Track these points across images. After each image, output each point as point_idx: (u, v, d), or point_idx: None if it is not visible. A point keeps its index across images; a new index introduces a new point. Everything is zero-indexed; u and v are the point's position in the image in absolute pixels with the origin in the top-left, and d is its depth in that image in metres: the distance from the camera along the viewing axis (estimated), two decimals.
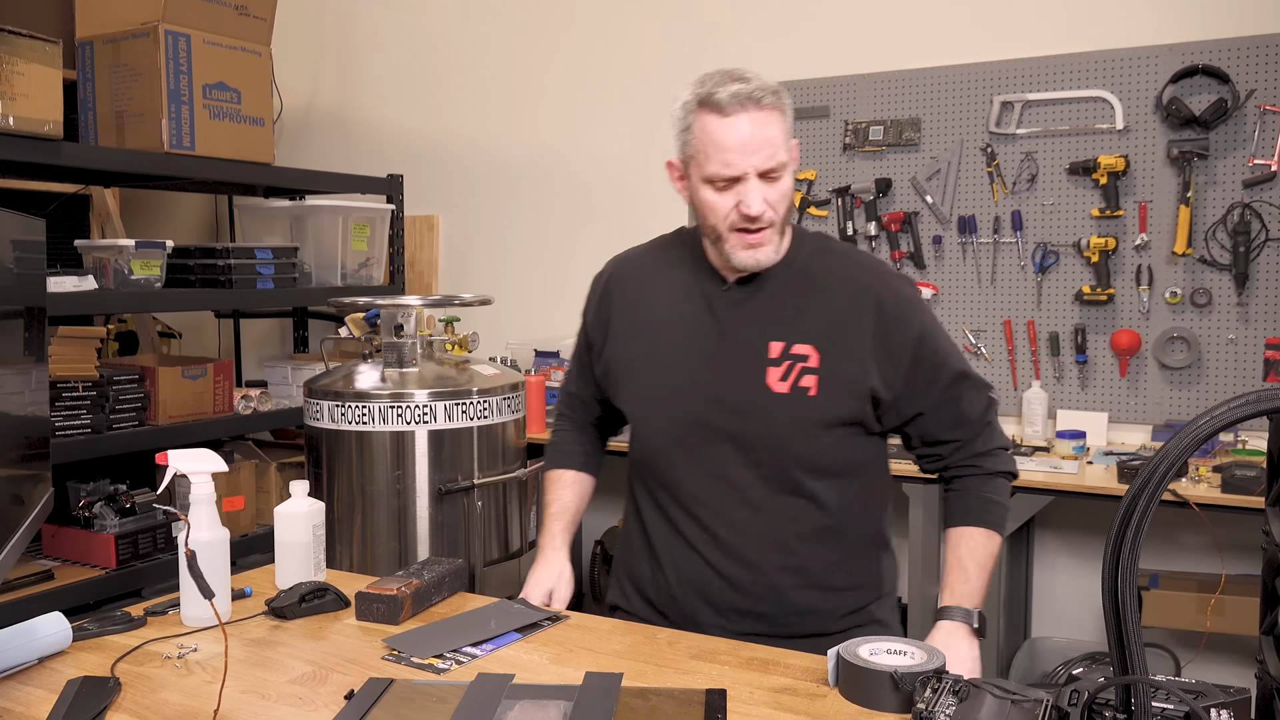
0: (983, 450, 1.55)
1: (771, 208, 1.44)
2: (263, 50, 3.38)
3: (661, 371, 1.56)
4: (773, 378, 1.50)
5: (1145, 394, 3.00)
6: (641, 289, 1.63)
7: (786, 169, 1.46)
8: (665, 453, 1.56)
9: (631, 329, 1.62)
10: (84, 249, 3.11)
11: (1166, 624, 2.78)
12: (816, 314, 1.51)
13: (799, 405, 1.49)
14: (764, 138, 1.42)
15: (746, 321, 1.53)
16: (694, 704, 1.19)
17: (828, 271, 1.54)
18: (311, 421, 2.68)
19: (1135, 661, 0.95)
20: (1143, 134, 2.95)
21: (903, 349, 1.50)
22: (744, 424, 1.51)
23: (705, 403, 1.52)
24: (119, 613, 1.44)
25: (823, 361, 1.49)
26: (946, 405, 1.53)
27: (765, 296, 1.53)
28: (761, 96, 1.42)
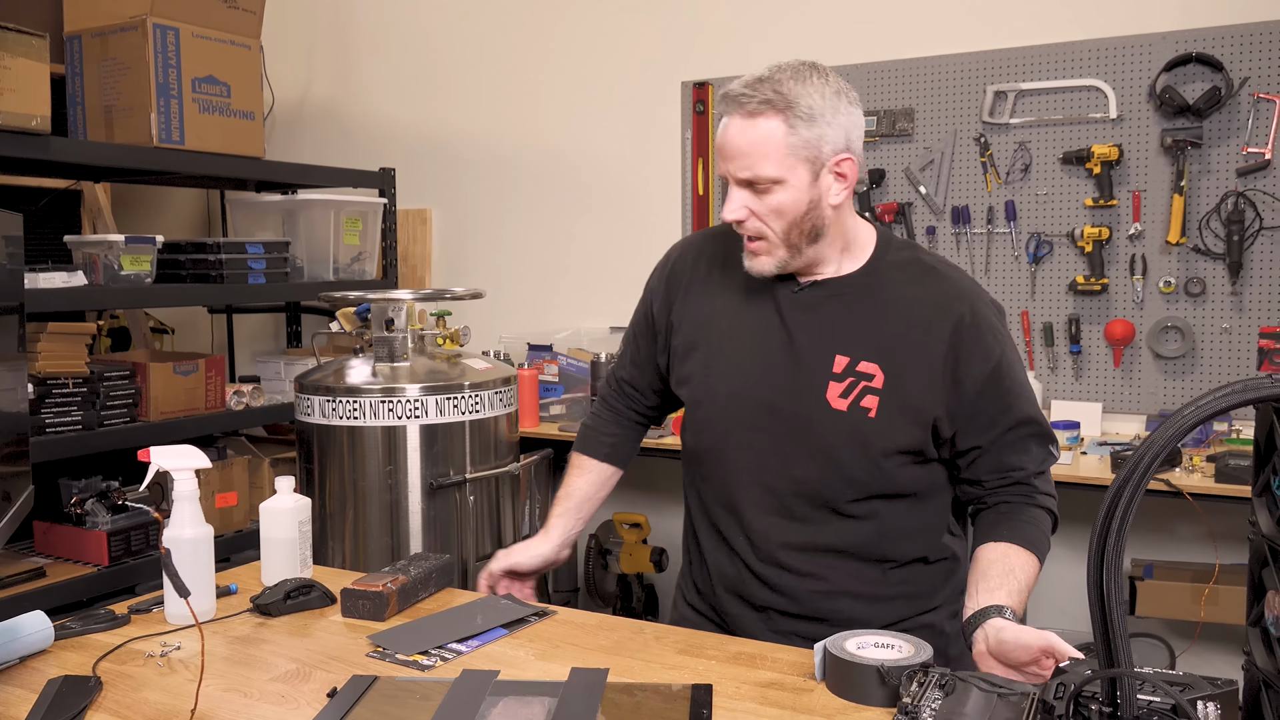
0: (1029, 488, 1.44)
1: (758, 218, 1.38)
2: (252, 43, 3.36)
3: (723, 365, 1.50)
4: (833, 393, 1.42)
5: (1140, 384, 2.99)
6: (714, 271, 1.55)
7: (783, 183, 1.36)
8: (715, 449, 1.51)
9: (700, 310, 1.54)
10: (74, 244, 3.09)
11: (1161, 614, 2.78)
12: (889, 331, 1.42)
13: (856, 426, 1.41)
14: (745, 146, 1.35)
15: (815, 329, 1.44)
16: (680, 699, 1.18)
17: (910, 285, 1.44)
18: (302, 417, 2.67)
19: (1120, 655, 0.94)
20: (1136, 123, 2.94)
21: (973, 380, 1.39)
22: (796, 435, 1.44)
23: (760, 406, 1.46)
24: (102, 611, 1.43)
25: (887, 383, 1.40)
26: (1004, 449, 1.42)
27: (839, 304, 1.44)
28: (748, 102, 1.35)
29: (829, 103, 1.35)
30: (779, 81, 1.34)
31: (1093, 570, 0.97)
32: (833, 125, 1.36)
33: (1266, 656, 0.96)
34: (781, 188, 1.36)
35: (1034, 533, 1.39)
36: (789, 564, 1.47)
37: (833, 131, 1.36)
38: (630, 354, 1.69)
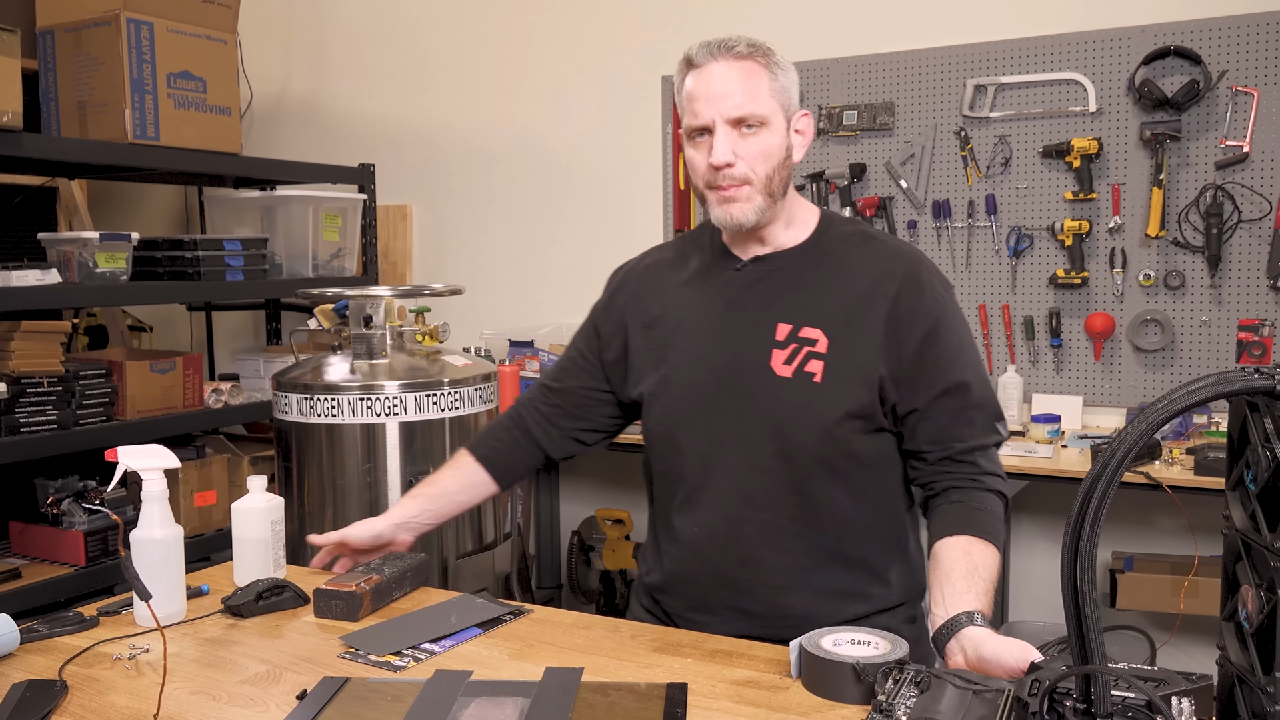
0: (974, 468, 1.41)
1: (745, 160, 1.39)
2: (228, 38, 3.33)
3: (673, 356, 1.51)
4: (777, 360, 1.43)
5: (1120, 377, 3.00)
6: (658, 280, 1.57)
7: (768, 125, 1.39)
8: (670, 438, 1.50)
9: (647, 322, 1.55)
10: (48, 242, 3.06)
11: (1141, 607, 2.79)
12: (831, 297, 1.43)
13: (802, 392, 1.41)
14: (733, 87, 1.38)
15: (756, 302, 1.46)
16: (654, 698, 1.17)
17: (853, 255, 1.46)
18: (280, 415, 2.65)
19: (1094, 651, 0.93)
20: (1115, 116, 2.94)
21: (912, 339, 1.40)
22: (746, 409, 1.44)
23: (710, 388, 1.46)
24: (71, 613, 1.41)
25: (831, 347, 1.41)
26: (944, 417, 1.41)
27: (780, 276, 1.46)
28: (735, 45, 1.40)
29: (786, 61, 1.46)
30: (750, 37, 1.42)
31: (1066, 566, 0.96)
32: (794, 82, 1.45)
33: (1240, 651, 0.95)
34: (767, 130, 1.40)
35: (988, 520, 1.37)
36: (745, 556, 1.46)
37: (794, 88, 1.44)
38: (568, 363, 1.66)
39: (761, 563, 1.46)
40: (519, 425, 1.66)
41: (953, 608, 1.24)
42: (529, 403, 1.68)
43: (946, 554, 1.32)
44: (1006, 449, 2.73)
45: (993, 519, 1.37)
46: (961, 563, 1.29)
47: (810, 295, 1.44)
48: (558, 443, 1.65)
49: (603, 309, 1.63)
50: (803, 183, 3.34)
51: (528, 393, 1.70)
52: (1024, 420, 3.03)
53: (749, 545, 1.46)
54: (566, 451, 1.66)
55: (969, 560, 1.29)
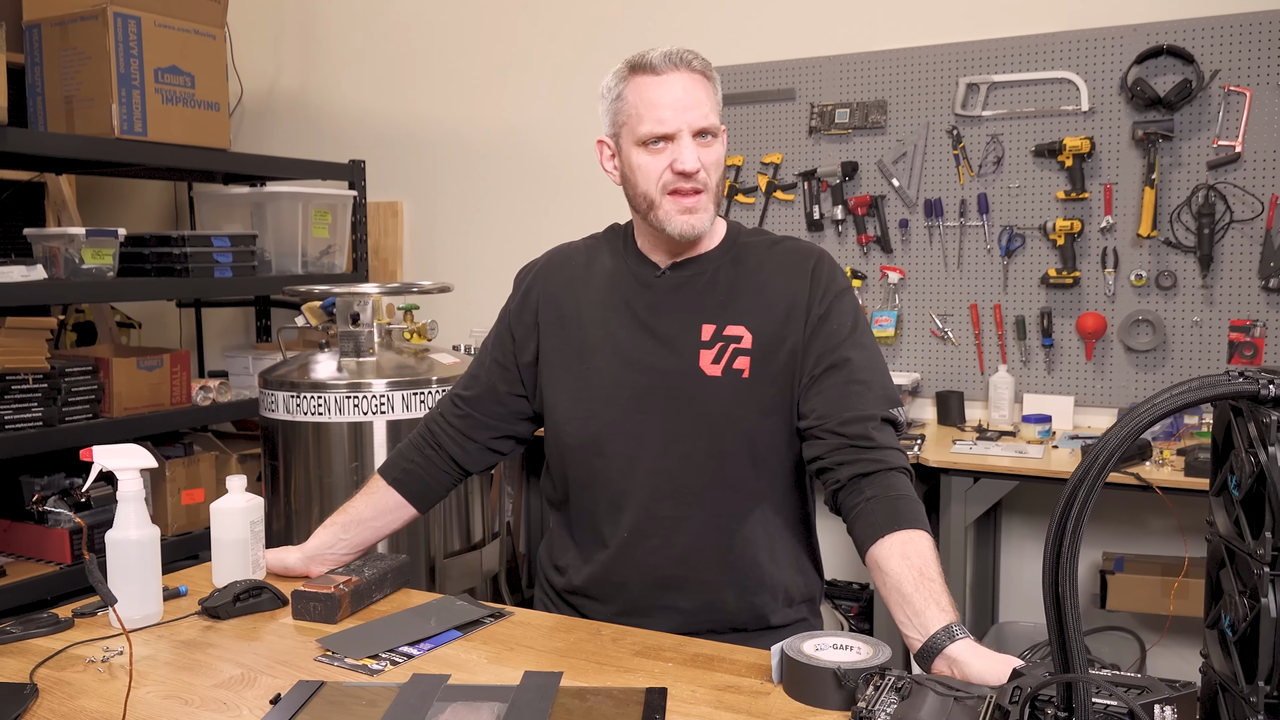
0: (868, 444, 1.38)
1: (705, 170, 1.43)
2: (217, 33, 3.31)
3: (594, 361, 1.51)
4: (705, 361, 1.46)
5: (1111, 377, 2.99)
6: (572, 283, 1.57)
7: (719, 138, 1.45)
8: (594, 444, 1.51)
9: (561, 323, 1.55)
10: (34, 238, 3.04)
11: (1131, 608, 2.78)
12: (750, 295, 1.48)
13: (732, 388, 1.45)
14: (696, 97, 1.43)
15: (679, 306, 1.49)
16: (633, 703, 1.16)
17: (764, 256, 1.52)
18: (267, 413, 2.63)
19: (1075, 658, 0.92)
20: (1108, 115, 2.93)
21: (809, 324, 1.46)
22: (677, 409, 1.46)
23: (640, 390, 1.48)
24: (45, 614, 1.39)
25: (756, 342, 1.46)
26: (831, 389, 1.42)
27: (701, 280, 1.50)
28: (692, 60, 1.45)
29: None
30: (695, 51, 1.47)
31: (1048, 572, 0.95)
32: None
33: (1224, 659, 0.94)
34: (719, 141, 1.46)
35: (907, 506, 1.34)
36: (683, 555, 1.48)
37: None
38: (482, 372, 1.62)
39: (698, 561, 1.48)
40: (431, 442, 1.63)
41: (925, 626, 1.22)
42: (440, 417, 1.64)
43: (887, 563, 1.29)
44: (997, 449, 2.72)
45: (910, 502, 1.35)
46: (907, 573, 1.26)
47: (730, 296, 1.49)
48: (474, 455, 1.62)
49: (515, 311, 1.62)
50: (794, 181, 3.33)
51: (438, 406, 1.66)
52: (1015, 420, 3.01)
53: (683, 545, 1.48)
54: (484, 464, 1.64)
55: (911, 566, 1.27)
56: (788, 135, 3.34)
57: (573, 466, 1.55)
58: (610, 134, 1.49)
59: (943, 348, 3.20)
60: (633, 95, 1.43)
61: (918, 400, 3.22)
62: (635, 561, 1.50)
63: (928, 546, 1.30)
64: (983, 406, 3.13)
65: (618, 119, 1.46)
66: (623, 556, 1.50)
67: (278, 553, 1.59)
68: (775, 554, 1.51)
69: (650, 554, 1.49)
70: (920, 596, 1.24)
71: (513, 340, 1.60)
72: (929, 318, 3.21)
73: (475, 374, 1.64)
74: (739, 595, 1.50)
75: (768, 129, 3.36)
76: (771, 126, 3.35)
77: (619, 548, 1.50)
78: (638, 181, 1.46)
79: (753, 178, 3.40)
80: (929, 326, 3.21)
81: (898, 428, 1.43)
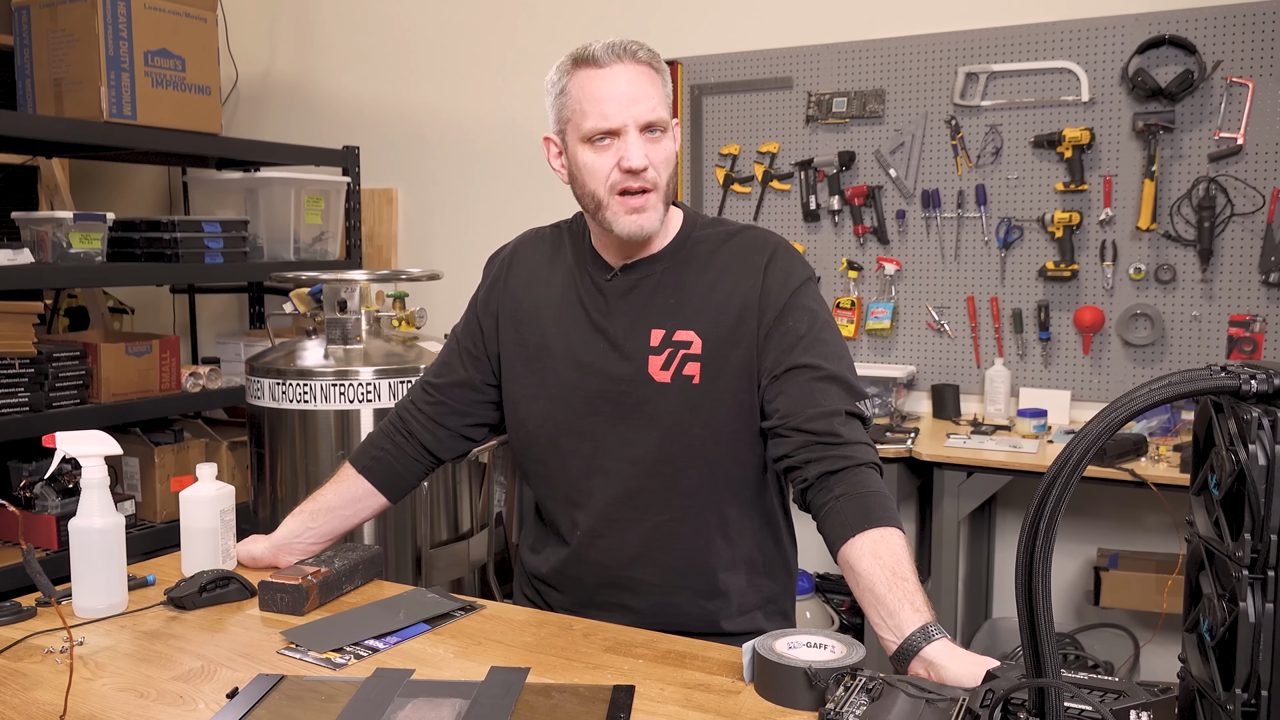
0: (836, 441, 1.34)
1: (654, 167, 1.38)
2: (209, 16, 3.28)
3: (549, 361, 1.49)
4: (654, 367, 1.43)
5: (1108, 371, 2.95)
6: (533, 279, 1.55)
7: (668, 132, 1.40)
8: (551, 441, 1.49)
9: (519, 319, 1.53)
10: (21, 221, 3.01)
11: (1125, 605, 2.75)
12: (701, 297, 1.44)
13: (683, 395, 1.42)
14: (642, 90, 1.37)
15: (629, 311, 1.46)
16: (599, 701, 1.13)
17: (716, 254, 1.46)
18: (253, 400, 2.61)
19: (1047, 662, 0.89)
20: (1108, 106, 2.88)
21: (766, 320, 1.40)
22: (628, 415, 1.44)
23: (591, 393, 1.45)
24: (8, 603, 1.36)
25: (706, 347, 1.42)
26: (795, 385, 1.37)
27: (650, 283, 1.46)
28: (638, 50, 1.39)
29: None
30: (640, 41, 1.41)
31: (1020, 572, 0.92)
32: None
33: (1201, 664, 0.91)
34: (668, 136, 1.40)
35: (877, 502, 1.30)
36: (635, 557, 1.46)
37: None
38: (455, 359, 1.60)
39: (648, 563, 1.46)
40: (402, 430, 1.60)
41: (900, 628, 1.18)
42: (412, 404, 1.61)
43: (859, 563, 1.25)
44: (992, 443, 2.68)
45: (880, 499, 1.31)
46: (880, 573, 1.23)
47: (680, 299, 1.45)
48: (445, 443, 1.60)
49: (483, 300, 1.59)
50: (791, 170, 3.29)
51: (409, 394, 1.64)
52: (1010, 414, 2.98)
53: (634, 547, 1.46)
54: (456, 451, 1.61)
55: (884, 566, 1.23)
56: (784, 124, 3.30)
57: (532, 462, 1.54)
58: (556, 130, 1.45)
59: (939, 340, 3.16)
60: (576, 89, 1.39)
61: (913, 393, 3.19)
62: (589, 560, 1.49)
63: (900, 545, 1.26)
64: (978, 400, 3.10)
65: (562, 114, 1.42)
66: (578, 553, 1.49)
67: (246, 543, 1.57)
68: (732, 560, 1.48)
69: (602, 554, 1.48)
70: (894, 597, 1.20)
71: (480, 330, 1.58)
72: (925, 310, 3.17)
73: (447, 361, 1.61)
74: (691, 599, 1.48)
75: (764, 118, 3.32)
76: (768, 115, 3.31)
77: (575, 544, 1.49)
78: (584, 180, 1.41)
79: (749, 167, 3.36)
80: (925, 319, 3.17)
81: (865, 422, 1.39)
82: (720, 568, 1.47)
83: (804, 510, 1.40)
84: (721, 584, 1.47)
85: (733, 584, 1.48)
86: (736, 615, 1.50)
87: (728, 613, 1.49)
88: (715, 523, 1.47)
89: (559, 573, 1.52)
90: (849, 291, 3.25)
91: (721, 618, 1.49)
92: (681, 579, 1.47)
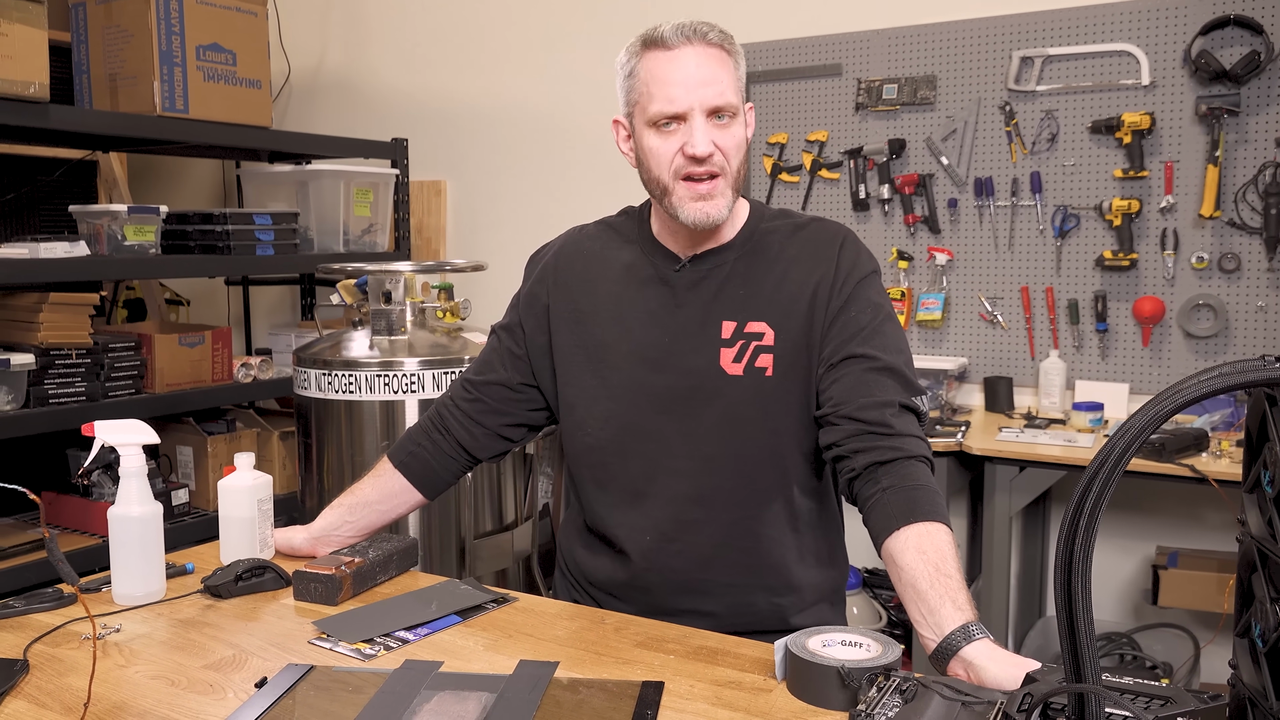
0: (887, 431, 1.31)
1: (721, 153, 1.35)
2: (259, 10, 3.31)
3: (611, 358, 1.46)
4: (726, 359, 1.40)
5: (1169, 364, 2.86)
6: (587, 276, 1.51)
7: (738, 118, 1.37)
8: (615, 443, 1.45)
9: (576, 319, 1.49)
10: (79, 215, 3.07)
11: (1184, 605, 2.66)
12: (772, 288, 1.41)
13: (755, 387, 1.39)
14: (711, 73, 1.34)
15: (699, 301, 1.42)
16: (626, 697, 1.11)
17: (785, 245, 1.44)
18: (300, 390, 2.63)
19: (1087, 666, 0.85)
20: (1170, 90, 2.79)
21: (830, 312, 1.39)
22: (698, 410, 1.41)
23: (658, 390, 1.42)
24: (50, 589, 1.38)
25: (779, 338, 1.39)
26: (849, 376, 1.35)
27: (720, 274, 1.43)
28: (708, 32, 1.36)
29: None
30: (715, 23, 1.38)
31: (1060, 572, 0.88)
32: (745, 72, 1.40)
33: (1253, 671, 0.86)
34: (736, 121, 1.37)
35: (925, 496, 1.26)
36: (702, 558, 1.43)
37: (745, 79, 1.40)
38: (495, 359, 1.58)
39: (722, 564, 1.42)
40: (440, 426, 1.59)
41: (940, 626, 1.15)
42: (450, 401, 1.60)
43: (901, 557, 1.22)
44: (1046, 438, 2.62)
45: (928, 493, 1.27)
46: (922, 569, 1.19)
47: (750, 290, 1.41)
48: (482, 441, 1.58)
49: (525, 300, 1.56)
50: (840, 159, 3.24)
51: (449, 390, 1.62)
52: (1065, 408, 2.90)
53: (708, 548, 1.43)
54: (492, 450, 1.59)
55: (927, 561, 1.20)
56: (833, 112, 3.24)
57: (589, 467, 1.50)
58: (625, 113, 1.42)
59: (991, 332, 3.09)
60: (644, 72, 1.36)
61: (965, 386, 3.12)
62: (658, 566, 1.44)
63: (946, 541, 1.22)
64: (1032, 393, 3.02)
65: (630, 97, 1.39)
66: (645, 561, 1.45)
67: (285, 532, 1.58)
68: (802, 552, 1.46)
69: (673, 558, 1.44)
70: (936, 594, 1.17)
71: (522, 331, 1.55)
72: (978, 300, 3.10)
73: (487, 359, 1.60)
74: (765, 597, 1.45)
75: (813, 106, 3.27)
76: (817, 103, 3.26)
77: (641, 552, 1.45)
78: (650, 165, 1.38)
79: (797, 156, 3.31)
80: (978, 310, 3.10)
81: (920, 417, 1.36)
82: (793, 561, 1.45)
83: (850, 501, 1.37)
84: (795, 579, 1.45)
85: (804, 578, 1.46)
86: (805, 609, 1.47)
87: (799, 607, 1.47)
88: (786, 516, 1.44)
89: (622, 584, 1.48)
90: (899, 282, 3.19)
91: (791, 613, 1.46)
92: (757, 577, 1.44)
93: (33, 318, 2.82)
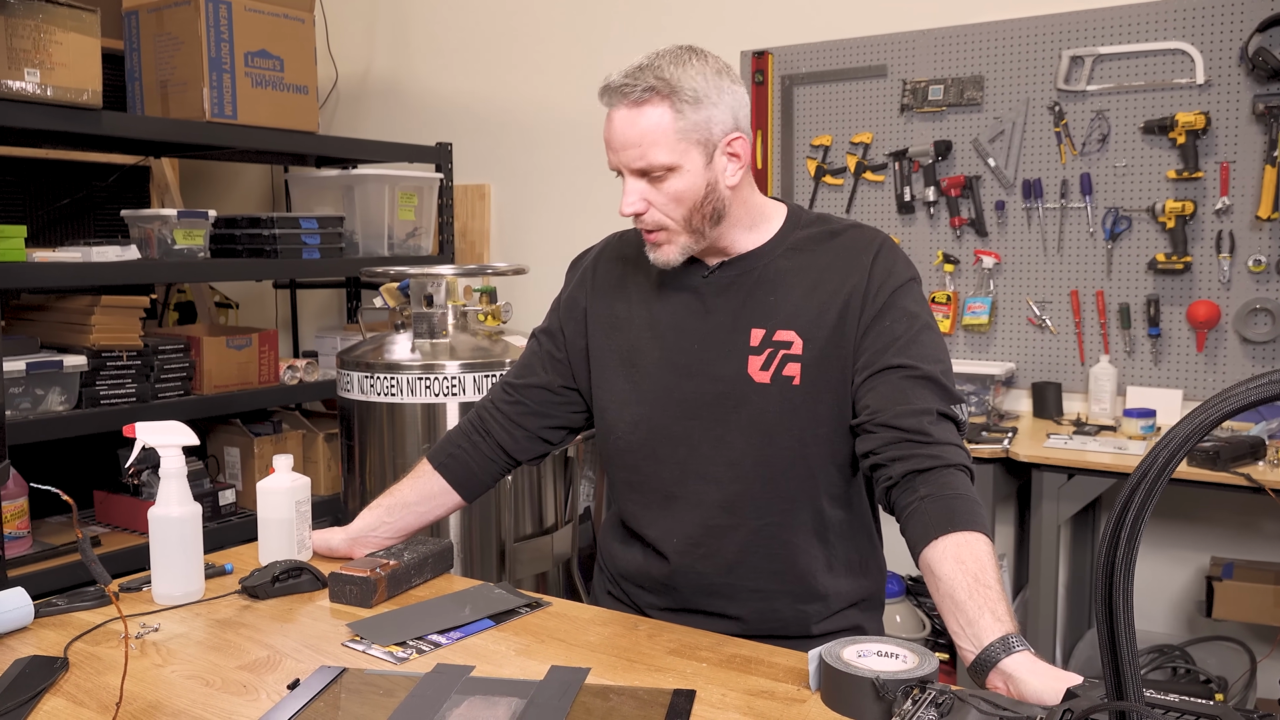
0: (925, 440, 1.29)
1: (657, 209, 1.36)
2: (306, 17, 3.35)
3: (643, 362, 1.46)
4: (754, 367, 1.39)
5: (1224, 370, 2.78)
6: (623, 281, 1.52)
7: (677, 170, 1.34)
8: (646, 446, 1.45)
9: (610, 323, 1.50)
10: (130, 219, 3.13)
11: (1239, 617, 2.59)
12: (802, 296, 1.39)
13: (783, 395, 1.37)
14: (635, 136, 1.33)
15: (728, 308, 1.42)
16: (657, 706, 1.10)
17: (818, 252, 1.42)
18: (343, 393, 2.66)
19: (1129, 683, 0.82)
20: (1225, 88, 2.72)
21: (865, 320, 1.37)
22: (726, 417, 1.40)
23: (687, 395, 1.42)
24: (92, 588, 1.40)
25: (807, 347, 1.37)
26: (886, 384, 1.33)
27: (749, 280, 1.42)
28: (631, 91, 1.32)
29: (712, 84, 1.34)
30: (659, 68, 1.32)
31: (1100, 585, 0.85)
32: (719, 106, 1.34)
33: None
34: (676, 174, 1.34)
35: (964, 506, 1.23)
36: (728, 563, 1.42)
37: (720, 112, 1.34)
38: (537, 361, 1.58)
39: (747, 570, 1.41)
40: (480, 429, 1.60)
41: (979, 637, 1.12)
42: (491, 404, 1.61)
43: (939, 567, 1.20)
44: (1095, 445, 2.56)
45: (967, 502, 1.25)
46: (961, 579, 1.17)
47: (780, 297, 1.40)
48: (522, 444, 1.58)
49: (565, 304, 1.58)
50: (885, 161, 3.20)
51: (489, 393, 1.63)
52: (1116, 414, 2.84)
53: (734, 554, 1.42)
54: (533, 453, 1.59)
55: (966, 572, 1.17)
56: (878, 114, 3.21)
57: (621, 470, 1.50)
58: None
59: (1040, 337, 3.03)
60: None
61: (1012, 392, 3.06)
62: (686, 567, 1.44)
63: (985, 551, 1.20)
64: (1082, 399, 2.96)
65: None
66: (671, 562, 1.45)
67: (323, 533, 1.59)
68: (830, 562, 1.45)
69: (699, 561, 1.44)
70: (974, 604, 1.14)
71: (563, 334, 1.56)
72: (1026, 305, 3.04)
73: (528, 362, 1.60)
74: (789, 604, 1.44)
75: (857, 107, 3.23)
76: (861, 105, 3.23)
77: (668, 553, 1.45)
78: None
79: (841, 158, 3.28)
80: (1026, 314, 3.05)
81: (959, 426, 1.33)
82: (819, 570, 1.44)
83: (887, 511, 1.35)
84: (821, 587, 1.44)
85: (832, 586, 1.44)
86: (830, 617, 1.46)
87: (824, 614, 1.45)
88: (814, 525, 1.43)
89: (655, 581, 1.48)
90: (945, 286, 3.14)
91: (813, 621, 1.45)
92: (782, 584, 1.43)
93: (85, 320, 2.88)
